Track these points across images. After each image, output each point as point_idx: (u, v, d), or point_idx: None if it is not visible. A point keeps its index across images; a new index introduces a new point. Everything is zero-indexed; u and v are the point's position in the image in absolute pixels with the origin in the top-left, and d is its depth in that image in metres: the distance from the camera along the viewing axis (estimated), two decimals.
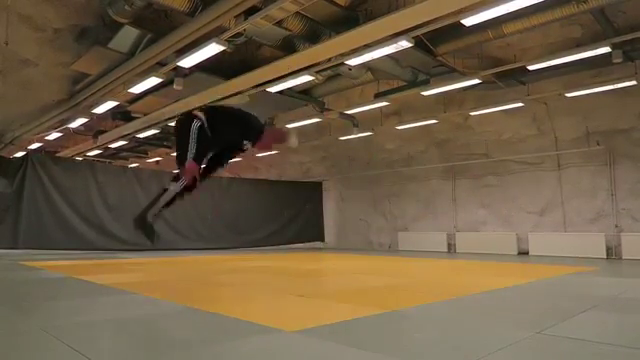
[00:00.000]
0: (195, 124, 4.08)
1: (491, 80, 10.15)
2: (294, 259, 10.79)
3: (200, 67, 9.39)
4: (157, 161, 21.73)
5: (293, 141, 4.69)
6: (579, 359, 2.40)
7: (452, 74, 10.07)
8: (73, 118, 12.80)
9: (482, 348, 2.57)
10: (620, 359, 2.39)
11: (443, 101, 12.28)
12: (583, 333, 2.98)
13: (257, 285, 5.82)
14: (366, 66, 9.89)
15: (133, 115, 13.62)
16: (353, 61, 8.60)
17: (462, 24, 7.08)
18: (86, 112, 12.22)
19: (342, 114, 13.25)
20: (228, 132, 4.25)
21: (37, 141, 16.40)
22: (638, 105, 10.51)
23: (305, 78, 9.63)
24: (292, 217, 16.42)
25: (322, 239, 17.25)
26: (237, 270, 8.03)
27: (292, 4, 6.67)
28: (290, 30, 8.02)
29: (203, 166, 4.39)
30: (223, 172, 4.66)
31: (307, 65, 9.06)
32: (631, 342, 2.76)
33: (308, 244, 16.61)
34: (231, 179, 16.49)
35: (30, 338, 2.80)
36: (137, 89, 10.09)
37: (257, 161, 19.71)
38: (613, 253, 10.93)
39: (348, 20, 7.98)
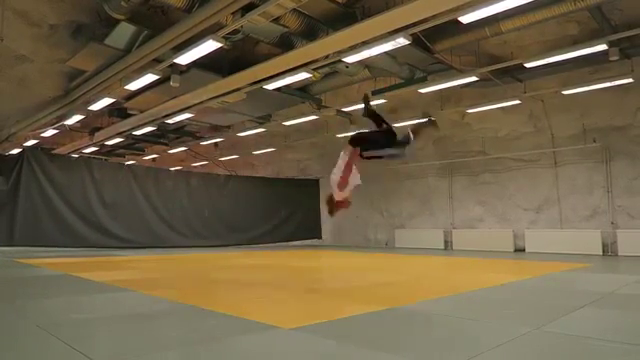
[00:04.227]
0: None
1: (488, 77, 10.16)
2: (291, 256, 10.79)
3: (197, 64, 9.35)
4: (153, 158, 21.65)
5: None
6: (578, 355, 2.41)
7: (449, 71, 10.07)
8: (69, 115, 12.73)
9: (481, 344, 2.57)
10: (618, 355, 2.39)
11: (440, 98, 12.28)
12: (581, 329, 2.99)
13: (254, 282, 5.81)
14: (363, 63, 9.87)
15: (129, 112, 13.56)
16: (350, 58, 8.59)
17: (459, 21, 7.08)
18: (82, 109, 12.16)
19: (339, 111, 13.24)
20: None
21: (33, 138, 16.32)
22: (634, 102, 10.55)
23: (302, 75, 9.60)
24: (289, 214, 16.42)
25: (319, 236, 17.24)
26: (234, 267, 8.02)
27: (289, 1, 6.65)
28: (287, 27, 7.99)
29: None
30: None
31: (304, 62, 9.03)
32: (629, 338, 2.77)
33: (305, 241, 16.61)
34: (228, 177, 16.47)
35: (26, 335, 2.78)
36: (134, 86, 10.04)
37: (254, 158, 19.68)
38: (609, 250, 10.97)
39: (345, 17, 7.96)
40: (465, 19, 6.91)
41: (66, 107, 11.94)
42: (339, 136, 15.06)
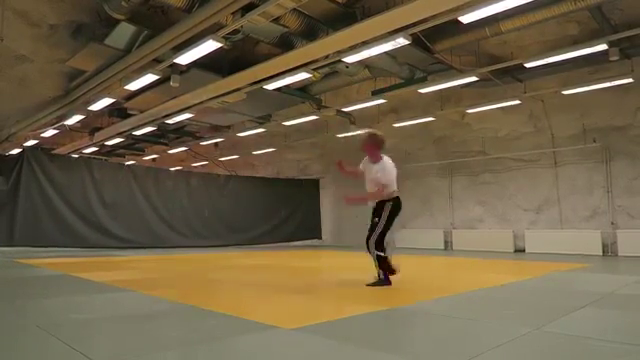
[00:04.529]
0: None
1: (488, 77, 10.16)
2: (291, 257, 10.79)
3: (197, 64, 9.36)
4: (154, 158, 21.66)
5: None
6: (578, 355, 2.41)
7: (449, 71, 10.07)
8: (69, 115, 12.74)
9: (481, 345, 2.57)
10: (618, 355, 2.39)
11: (440, 98, 12.28)
12: (581, 330, 2.99)
13: (254, 283, 5.81)
14: (363, 63, 9.87)
15: (129, 112, 13.57)
16: (350, 58, 8.59)
17: (459, 21, 7.08)
18: (82, 109, 12.17)
19: (339, 111, 13.24)
20: None
21: (33, 138, 16.32)
22: (634, 102, 10.55)
23: (302, 75, 9.61)
24: (289, 215, 16.42)
25: (319, 236, 17.24)
26: (234, 268, 8.02)
27: (289, 1, 6.65)
28: (287, 27, 7.99)
29: None
30: None
31: (304, 62, 9.04)
32: (629, 338, 2.77)
33: (305, 241, 16.61)
34: (228, 177, 16.47)
35: (26, 335, 2.78)
36: (134, 86, 10.04)
37: (254, 159, 19.68)
38: (609, 250, 10.97)
39: (345, 17, 7.96)
40: (465, 19, 6.91)
41: (66, 107, 11.94)
42: (339, 136, 15.07)
